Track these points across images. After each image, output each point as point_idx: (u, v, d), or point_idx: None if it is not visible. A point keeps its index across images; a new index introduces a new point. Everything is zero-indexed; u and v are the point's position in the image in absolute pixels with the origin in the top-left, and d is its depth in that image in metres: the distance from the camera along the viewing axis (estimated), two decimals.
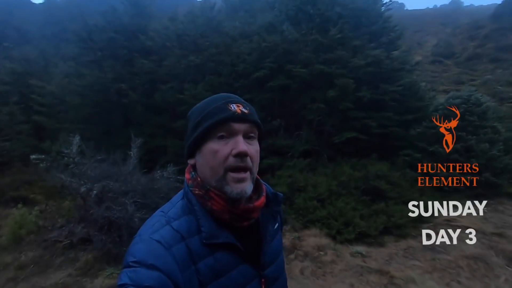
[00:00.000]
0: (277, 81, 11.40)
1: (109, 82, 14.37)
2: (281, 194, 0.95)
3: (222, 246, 0.75)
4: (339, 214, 7.62)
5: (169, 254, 0.69)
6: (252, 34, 13.03)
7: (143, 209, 5.45)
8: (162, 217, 0.77)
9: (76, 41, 14.67)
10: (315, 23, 10.96)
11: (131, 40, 14.90)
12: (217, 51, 13.02)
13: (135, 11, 15.80)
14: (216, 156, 0.76)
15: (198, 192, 0.79)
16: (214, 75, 13.04)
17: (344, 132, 10.13)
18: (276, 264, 0.91)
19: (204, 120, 0.78)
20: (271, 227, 0.90)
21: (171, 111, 14.38)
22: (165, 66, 13.38)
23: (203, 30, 13.09)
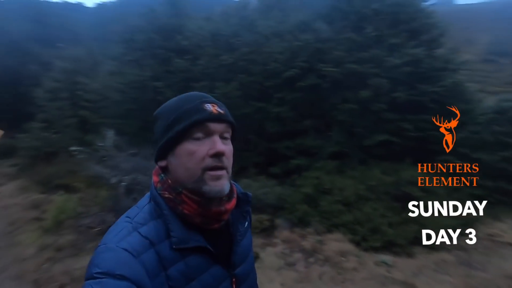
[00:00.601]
0: (307, 80, 11.20)
1: (147, 80, 15.16)
2: (250, 194, 0.94)
3: (193, 249, 0.74)
4: (365, 219, 7.30)
5: (138, 262, 0.66)
6: (285, 33, 12.93)
7: None
8: (128, 223, 0.74)
9: (119, 42, 15.62)
10: (350, 20, 10.58)
11: (168, 40, 15.56)
12: (249, 50, 13.12)
13: (172, 11, 16.47)
14: (193, 157, 0.75)
15: (168, 196, 0.77)
16: (245, 74, 13.17)
17: (376, 134, 9.67)
18: (246, 263, 0.90)
19: (179, 120, 0.75)
20: (241, 226, 0.90)
21: None
22: (198, 65, 13.79)
23: (236, 29, 13.26)
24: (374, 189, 8.21)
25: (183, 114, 0.75)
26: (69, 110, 13.64)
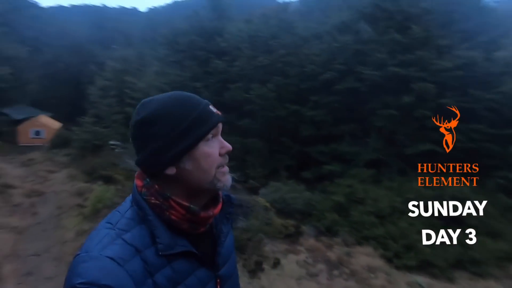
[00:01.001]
0: (345, 83, 10.75)
1: (187, 80, 15.80)
2: (234, 196, 0.93)
3: (179, 254, 0.73)
4: (400, 235, 6.76)
5: (124, 271, 0.65)
6: (324, 34, 12.58)
7: None
8: (111, 229, 0.71)
9: (164, 44, 16.45)
10: (394, 20, 9.92)
11: (209, 41, 16.07)
12: (286, 52, 12.99)
13: (214, 15, 16.97)
14: (210, 159, 0.76)
15: (154, 201, 0.74)
16: (281, 76, 13.06)
17: (419, 143, 8.93)
18: (229, 263, 0.90)
19: (197, 125, 0.74)
20: (224, 228, 0.89)
21: (238, 110, 15.02)
22: (236, 66, 14.01)
23: (275, 31, 13.22)
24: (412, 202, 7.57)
25: (199, 118, 0.75)
26: (117, 107, 14.71)
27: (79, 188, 9.20)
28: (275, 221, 7.43)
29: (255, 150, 13.79)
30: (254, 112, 13.77)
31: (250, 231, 5.82)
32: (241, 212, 6.51)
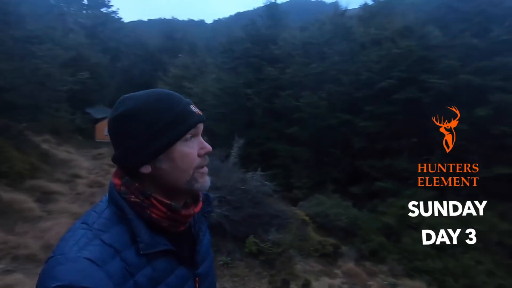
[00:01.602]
0: (405, 93, 9.72)
1: (239, 87, 16.19)
2: (211, 195, 0.93)
3: (159, 253, 0.72)
4: (462, 272, 5.69)
5: (103, 272, 0.63)
6: (384, 40, 11.64)
7: (226, 206, 5.74)
8: (87, 230, 0.70)
9: (221, 51, 17.16)
10: (471, 22, 8.65)
11: (263, 49, 16.25)
12: (341, 59, 12.36)
13: (270, 23, 17.13)
14: (188, 159, 0.75)
15: (134, 200, 0.73)
16: (334, 83, 12.45)
17: (496, 165, 7.53)
18: (207, 261, 0.91)
19: (175, 123, 0.73)
20: (203, 226, 0.90)
21: (287, 117, 14.78)
22: (287, 74, 13.84)
23: (330, 37, 12.73)
24: (482, 235, 6.35)
25: (177, 117, 0.74)
26: None
27: None
28: (312, 237, 6.94)
29: (301, 160, 13.34)
30: (304, 120, 13.37)
31: (281, 245, 5.51)
32: (275, 223, 6.22)
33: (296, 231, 6.18)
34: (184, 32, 41.33)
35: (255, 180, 6.70)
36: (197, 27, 64.04)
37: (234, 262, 5.24)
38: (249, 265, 5.26)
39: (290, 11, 19.42)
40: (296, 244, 5.98)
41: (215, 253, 3.93)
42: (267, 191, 7.24)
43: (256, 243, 5.54)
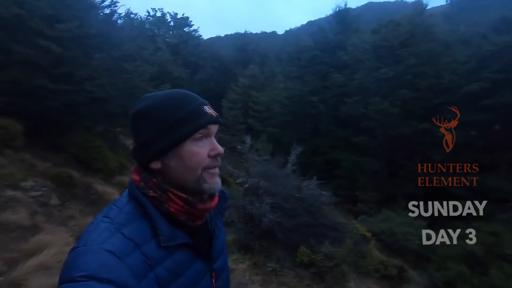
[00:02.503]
0: (500, 97, 8.19)
1: (305, 95, 16.05)
2: (227, 192, 0.96)
3: (179, 246, 0.76)
4: None
5: (124, 265, 0.66)
6: (474, 37, 10.08)
7: (278, 212, 5.71)
8: (110, 224, 0.73)
9: (288, 61, 17.38)
10: None
11: (331, 55, 15.82)
12: (418, 61, 11.13)
13: (340, 28, 16.60)
14: (195, 158, 0.77)
15: (153, 194, 0.77)
16: (408, 89, 11.25)
17: None
18: (222, 257, 0.93)
19: (184, 122, 0.76)
20: (219, 222, 0.93)
21: (353, 125, 13.94)
22: (355, 80, 13.13)
23: (406, 38, 11.64)
24: None
25: (188, 116, 0.76)
26: (241, 118, 16.52)
27: None
28: (373, 256, 6.30)
29: (369, 171, 12.35)
30: (372, 129, 12.41)
31: (334, 258, 5.17)
32: (331, 235, 5.90)
33: (352, 246, 5.73)
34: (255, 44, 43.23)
35: (311, 188, 6.49)
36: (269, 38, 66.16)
37: (283, 270, 5.15)
38: (299, 275, 5.11)
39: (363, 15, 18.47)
40: (351, 260, 5.55)
41: (264, 258, 3.96)
42: (324, 201, 6.94)
43: (308, 254, 5.35)
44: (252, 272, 4.90)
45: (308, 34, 21.93)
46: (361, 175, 12.59)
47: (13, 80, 7.25)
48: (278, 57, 38.07)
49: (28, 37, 7.46)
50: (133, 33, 17.15)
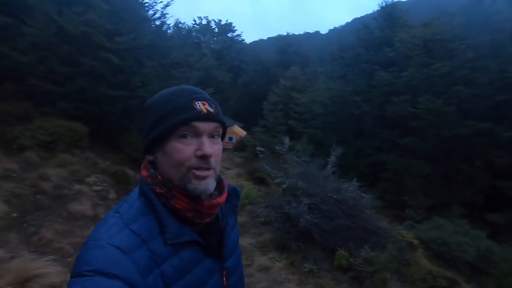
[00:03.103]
0: None
1: (348, 95, 15.52)
2: (239, 189, 0.95)
3: (186, 244, 0.75)
4: None
5: (130, 260, 0.66)
6: None
7: (316, 213, 5.65)
8: (119, 219, 0.73)
9: (331, 60, 17.01)
10: None
11: (376, 53, 15.09)
12: (477, 54, 10.10)
13: (387, 24, 15.76)
14: (179, 156, 0.74)
15: (159, 191, 0.76)
16: (465, 85, 10.24)
17: None
18: (234, 256, 0.92)
19: (166, 117, 0.75)
20: (230, 220, 0.91)
21: (401, 126, 13.07)
22: (403, 77, 12.34)
23: (461, 30, 10.67)
24: None
25: (171, 111, 0.75)
26: (282, 119, 16.58)
27: (240, 184, 11.11)
28: (420, 265, 5.88)
29: (418, 175, 11.49)
30: (422, 130, 11.54)
31: (374, 264, 4.96)
32: (372, 240, 5.66)
33: (396, 252, 5.43)
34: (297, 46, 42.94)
35: (351, 191, 6.31)
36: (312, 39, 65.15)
37: (320, 272, 5.10)
38: (336, 278, 5.01)
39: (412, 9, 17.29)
40: (394, 267, 5.26)
41: (301, 258, 4.03)
42: (365, 204, 6.69)
43: (346, 257, 5.22)
44: (288, 271, 4.94)
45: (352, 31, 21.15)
46: (410, 179, 11.77)
47: (81, 89, 8.32)
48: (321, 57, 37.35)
49: (93, 51, 8.49)
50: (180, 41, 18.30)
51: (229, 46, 33.23)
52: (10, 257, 3.57)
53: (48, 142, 7.02)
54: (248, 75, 35.38)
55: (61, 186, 5.84)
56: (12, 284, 3.07)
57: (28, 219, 4.63)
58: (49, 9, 7.83)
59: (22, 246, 3.96)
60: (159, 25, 12.44)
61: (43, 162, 6.62)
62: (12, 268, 3.27)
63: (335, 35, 50.40)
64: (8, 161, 5.86)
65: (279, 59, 39.54)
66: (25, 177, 5.59)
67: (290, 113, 17.34)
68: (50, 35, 7.74)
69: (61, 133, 7.26)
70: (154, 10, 11.95)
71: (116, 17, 9.26)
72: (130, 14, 9.85)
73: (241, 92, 34.50)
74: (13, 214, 4.53)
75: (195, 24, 34.93)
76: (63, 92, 8.07)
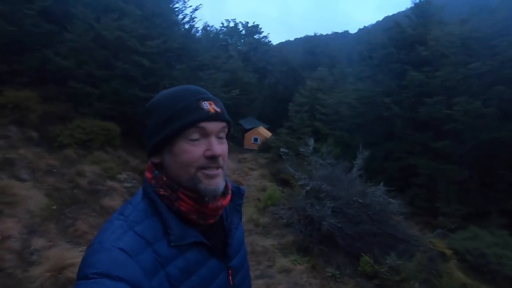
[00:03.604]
0: None
1: (377, 96, 14.98)
2: (243, 188, 0.94)
3: (191, 244, 0.75)
4: None
5: (135, 263, 0.66)
6: None
7: (340, 217, 5.52)
8: (123, 221, 0.73)
9: (359, 60, 16.55)
10: None
11: (408, 52, 14.43)
12: None
13: (420, 21, 15.03)
14: (186, 157, 0.74)
15: (163, 193, 0.76)
16: (507, 85, 9.48)
17: None
18: (240, 254, 0.91)
19: (174, 118, 0.74)
20: (235, 219, 0.90)
21: (435, 128, 12.36)
22: (437, 77, 11.69)
23: (503, 26, 9.93)
24: None
25: (178, 113, 0.74)
26: (308, 121, 16.38)
27: (264, 186, 11.14)
28: (453, 277, 5.52)
29: (453, 181, 10.79)
30: (458, 132, 10.84)
31: (401, 272, 4.74)
32: (399, 248, 5.42)
33: (426, 262, 5.15)
34: (324, 46, 42.22)
35: (377, 195, 6.09)
36: (340, 39, 63.68)
37: (343, 277, 4.97)
38: (360, 285, 4.85)
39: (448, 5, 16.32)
40: (423, 277, 4.99)
41: (324, 262, 3.98)
42: (393, 209, 6.42)
43: (371, 264, 5.05)
44: (310, 275, 4.88)
45: (382, 30, 20.41)
46: (444, 185, 11.10)
47: (115, 91, 8.83)
48: (349, 58, 36.45)
49: (126, 54, 8.98)
50: (208, 44, 18.76)
51: (256, 47, 33.47)
52: (49, 246, 3.88)
53: (85, 141, 7.53)
54: (274, 76, 35.38)
55: (95, 182, 6.23)
56: (51, 271, 3.34)
57: (66, 212, 5.00)
58: (88, 16, 8.40)
59: (59, 236, 4.28)
60: (188, 29, 12.87)
61: (80, 159, 7.11)
62: (51, 256, 3.55)
63: (365, 35, 48.91)
64: (50, 158, 6.36)
65: (306, 60, 39.13)
66: (64, 173, 6.04)
67: (316, 114, 17.08)
68: (88, 41, 8.31)
69: (96, 132, 7.76)
70: (183, 15, 12.38)
71: (148, 22, 9.72)
72: (161, 19, 10.29)
73: (266, 94, 34.59)
74: (53, 206, 4.91)
75: (223, 27, 35.63)
76: (99, 94, 8.62)
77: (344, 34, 78.84)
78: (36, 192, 4.82)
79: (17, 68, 7.40)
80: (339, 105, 16.69)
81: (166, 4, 11.66)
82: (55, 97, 8.25)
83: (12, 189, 4.33)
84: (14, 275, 3.23)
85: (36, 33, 7.54)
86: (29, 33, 7.38)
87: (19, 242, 3.68)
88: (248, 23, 35.47)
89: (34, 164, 5.65)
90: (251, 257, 5.52)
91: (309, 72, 33.60)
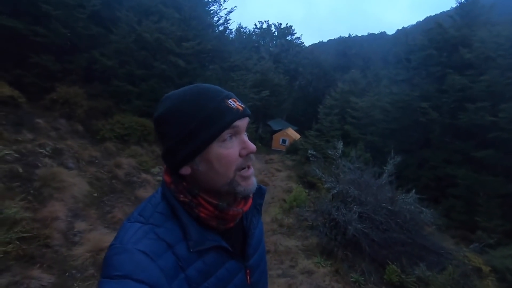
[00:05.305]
0: None
1: (414, 100, 14.31)
2: (264, 187, 0.92)
3: (210, 248, 0.75)
4: None
5: (156, 266, 0.66)
6: None
7: (367, 223, 5.38)
8: (144, 224, 0.73)
9: (395, 63, 15.94)
10: None
11: (450, 55, 13.62)
12: None
13: (465, 22, 14.11)
14: (225, 161, 0.72)
15: (183, 199, 0.75)
16: None
17: None
18: (258, 253, 0.91)
19: (207, 123, 0.70)
20: (255, 219, 0.89)
21: (477, 137, 11.52)
22: (481, 82, 10.91)
23: None
24: None
25: (210, 117, 0.70)
26: (337, 124, 16.06)
27: (289, 187, 11.14)
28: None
29: (497, 194, 10.00)
30: (504, 142, 10.05)
31: (430, 285, 4.53)
32: (429, 259, 5.17)
33: (458, 276, 4.86)
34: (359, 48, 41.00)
35: (408, 203, 5.86)
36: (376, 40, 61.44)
37: (368, 284, 4.86)
38: None
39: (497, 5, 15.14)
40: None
41: (348, 268, 3.97)
42: (424, 219, 6.15)
43: (398, 273, 4.89)
44: (333, 278, 4.83)
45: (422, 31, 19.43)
46: (485, 198, 10.33)
47: (152, 89, 9.36)
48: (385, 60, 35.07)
49: (163, 55, 9.49)
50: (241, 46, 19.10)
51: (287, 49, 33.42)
52: (90, 229, 4.26)
53: (123, 135, 8.08)
54: (305, 78, 35.04)
55: (131, 174, 6.67)
56: (91, 252, 3.68)
57: (105, 200, 5.42)
58: (131, 19, 9.01)
59: (99, 221, 4.67)
60: (222, 30, 13.24)
61: (118, 152, 7.65)
62: (91, 239, 3.90)
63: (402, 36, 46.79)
64: (93, 149, 6.91)
65: (338, 61, 38.29)
66: (105, 164, 6.54)
67: (347, 117, 16.69)
68: (130, 42, 8.91)
69: (134, 127, 8.29)
70: (218, 17, 12.77)
71: (184, 24, 10.18)
72: (196, 21, 10.73)
73: (296, 95, 34.36)
74: (94, 194, 5.36)
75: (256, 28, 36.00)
76: (138, 92, 9.20)
77: (380, 36, 75.95)
78: (80, 179, 5.28)
79: (68, 67, 8.13)
80: (372, 108, 16.16)
81: (202, 7, 12.12)
82: (99, 94, 8.95)
83: (60, 175, 4.79)
84: (60, 252, 3.60)
85: (86, 35, 8.24)
86: (80, 35, 8.08)
87: (64, 224, 4.08)
88: (281, 24, 35.49)
89: (79, 155, 6.18)
90: (273, 256, 5.58)
91: (341, 74, 32.84)
